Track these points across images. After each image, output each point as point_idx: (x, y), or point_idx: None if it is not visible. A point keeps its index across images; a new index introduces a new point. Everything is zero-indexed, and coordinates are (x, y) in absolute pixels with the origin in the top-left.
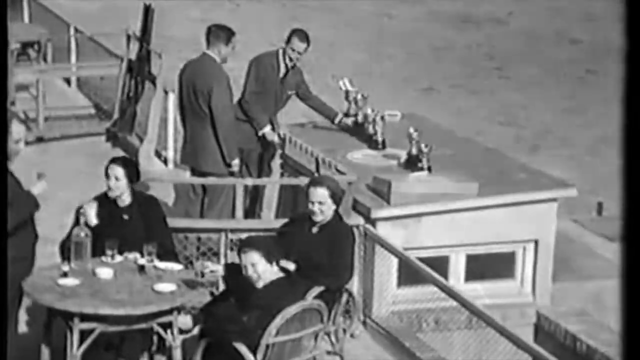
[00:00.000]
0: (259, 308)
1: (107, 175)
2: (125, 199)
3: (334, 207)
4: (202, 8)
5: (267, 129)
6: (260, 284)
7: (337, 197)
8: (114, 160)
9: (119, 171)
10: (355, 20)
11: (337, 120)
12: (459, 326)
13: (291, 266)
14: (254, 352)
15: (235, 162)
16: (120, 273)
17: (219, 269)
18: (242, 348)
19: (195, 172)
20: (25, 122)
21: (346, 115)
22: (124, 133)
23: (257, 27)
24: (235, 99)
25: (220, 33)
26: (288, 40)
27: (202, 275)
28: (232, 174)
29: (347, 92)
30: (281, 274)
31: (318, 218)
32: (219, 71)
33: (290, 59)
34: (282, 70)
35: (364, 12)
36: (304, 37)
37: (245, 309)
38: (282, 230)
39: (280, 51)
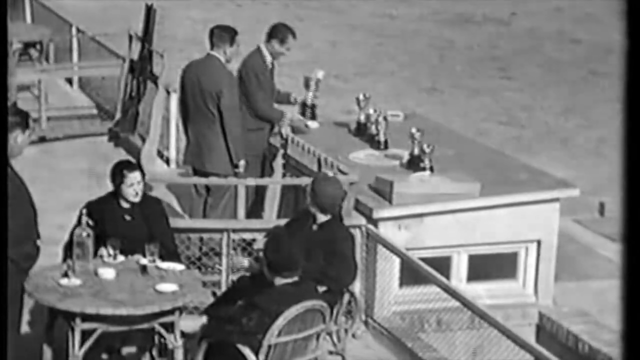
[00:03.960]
0: (260, 310)
1: (125, 183)
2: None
3: (315, 209)
4: (205, 8)
5: (288, 114)
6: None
7: (317, 200)
8: (129, 167)
9: (139, 176)
10: (357, 21)
11: (291, 99)
12: (461, 326)
13: None
14: (256, 352)
15: (242, 162)
16: (122, 273)
17: (245, 262)
18: (245, 350)
19: (198, 173)
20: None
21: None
22: (126, 133)
23: (259, 28)
24: None
25: (223, 34)
26: (282, 38)
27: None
28: (236, 174)
29: (307, 82)
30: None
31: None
32: (228, 73)
33: (281, 54)
34: (269, 65)
35: (366, 13)
36: (294, 33)
37: (248, 310)
38: (283, 230)
39: (262, 46)
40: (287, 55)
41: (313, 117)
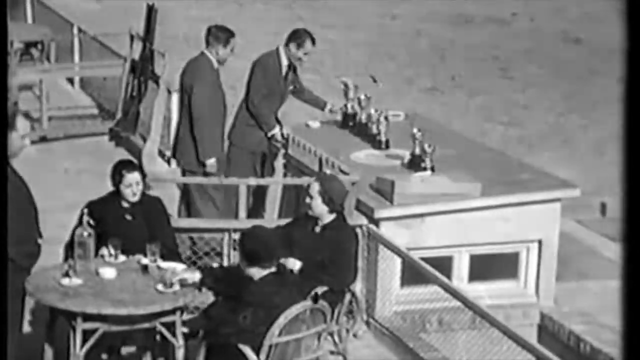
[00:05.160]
0: (252, 306)
1: (124, 183)
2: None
3: (324, 206)
4: (206, 8)
5: (276, 131)
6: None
7: (327, 197)
8: (128, 167)
9: (138, 176)
10: (358, 21)
11: (326, 109)
12: (462, 326)
13: (297, 265)
14: (257, 352)
15: (211, 162)
16: (123, 273)
17: (190, 277)
18: (246, 350)
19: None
20: (30, 117)
21: (344, 111)
22: (127, 133)
23: (260, 27)
24: (239, 100)
25: (219, 34)
26: (299, 43)
27: (171, 285)
28: (206, 174)
29: (346, 92)
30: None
31: (310, 212)
32: (205, 70)
33: (299, 59)
34: (285, 68)
35: (367, 13)
36: (313, 39)
37: (240, 309)
38: (285, 229)
39: (281, 49)
40: (306, 61)
41: (354, 125)
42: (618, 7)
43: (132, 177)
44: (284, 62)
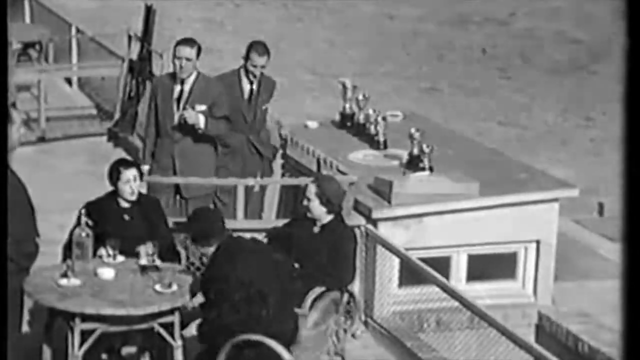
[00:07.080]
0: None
1: (121, 180)
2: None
3: (322, 208)
4: (204, 8)
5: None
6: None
7: (324, 198)
8: (125, 164)
9: (135, 172)
10: (356, 21)
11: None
12: (460, 326)
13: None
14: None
15: (144, 168)
16: (121, 273)
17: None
18: (277, 346)
19: None
20: (16, 108)
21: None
22: (125, 133)
23: (258, 28)
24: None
25: None
26: (247, 56)
27: (169, 285)
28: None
29: (345, 92)
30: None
31: (309, 213)
32: (158, 80)
33: (254, 75)
34: (246, 87)
35: (365, 13)
36: (263, 50)
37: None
38: (284, 230)
39: (242, 69)
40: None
41: (352, 125)
42: (617, 7)
43: (130, 173)
44: (245, 80)
